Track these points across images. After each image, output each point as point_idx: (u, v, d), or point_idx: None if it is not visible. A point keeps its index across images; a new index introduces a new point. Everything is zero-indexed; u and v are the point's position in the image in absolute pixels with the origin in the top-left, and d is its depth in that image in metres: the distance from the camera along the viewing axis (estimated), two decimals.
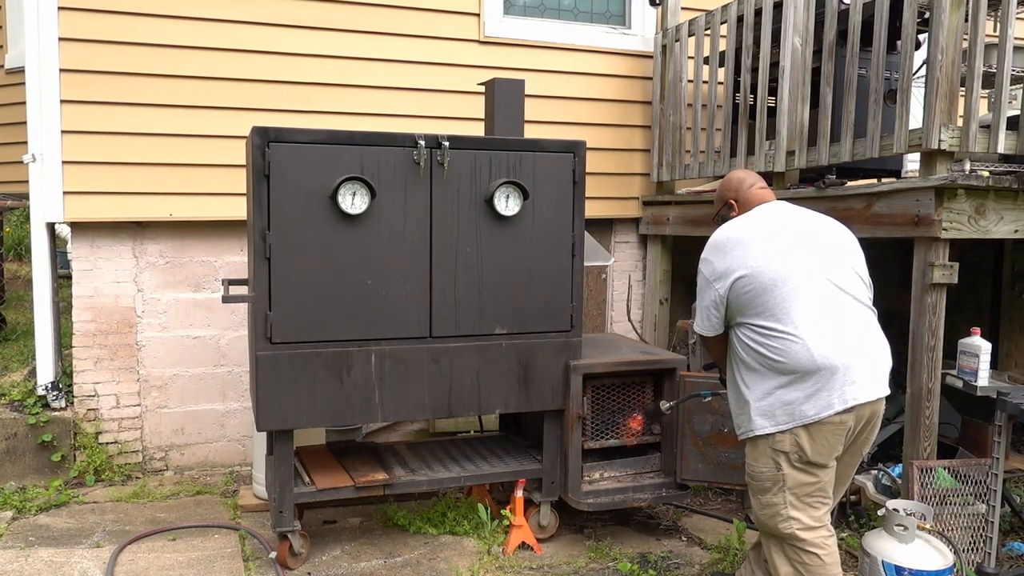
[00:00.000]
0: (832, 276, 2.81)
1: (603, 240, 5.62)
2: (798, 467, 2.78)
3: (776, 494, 2.82)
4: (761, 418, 2.81)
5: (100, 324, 4.70)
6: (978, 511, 3.57)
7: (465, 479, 3.85)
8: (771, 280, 2.77)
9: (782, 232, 2.88)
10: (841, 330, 2.76)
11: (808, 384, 2.72)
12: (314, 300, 3.43)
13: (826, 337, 2.73)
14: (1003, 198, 3.59)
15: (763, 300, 2.78)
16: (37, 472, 4.55)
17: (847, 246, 2.94)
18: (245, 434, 4.97)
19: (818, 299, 2.77)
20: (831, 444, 2.77)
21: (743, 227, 2.94)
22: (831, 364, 2.71)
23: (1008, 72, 3.51)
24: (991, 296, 5.42)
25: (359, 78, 4.93)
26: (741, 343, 2.89)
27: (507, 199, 3.64)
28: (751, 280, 2.80)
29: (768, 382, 2.79)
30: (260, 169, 3.32)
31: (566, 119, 5.37)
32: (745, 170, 3.26)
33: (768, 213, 2.99)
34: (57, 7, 4.38)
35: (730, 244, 2.90)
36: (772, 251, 2.82)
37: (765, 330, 2.78)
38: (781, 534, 2.84)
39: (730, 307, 2.88)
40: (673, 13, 5.38)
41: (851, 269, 2.88)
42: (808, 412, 2.72)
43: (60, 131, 4.46)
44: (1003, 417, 3.39)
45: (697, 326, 3.05)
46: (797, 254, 2.81)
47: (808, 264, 2.80)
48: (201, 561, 3.66)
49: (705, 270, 2.97)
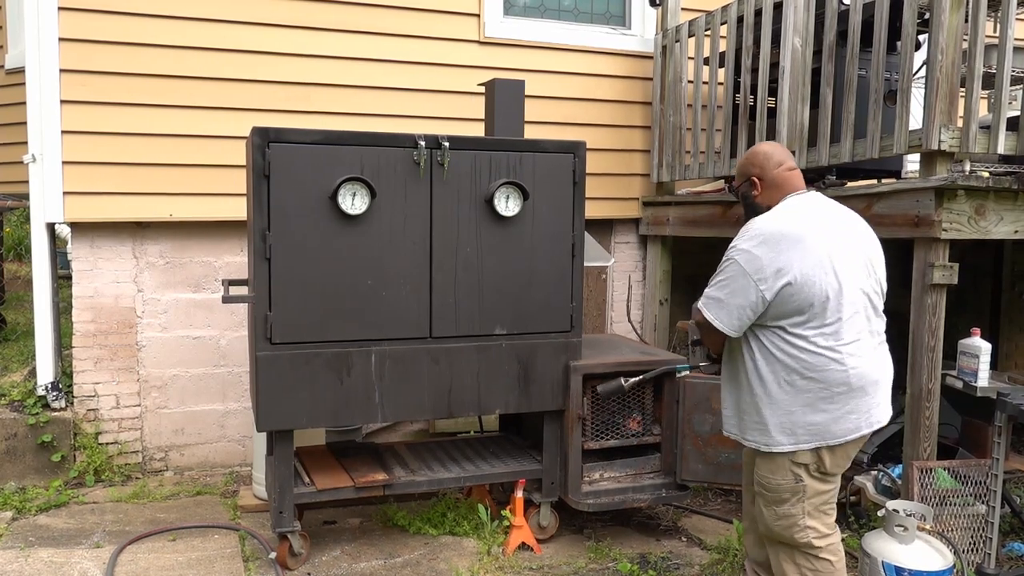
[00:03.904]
0: (869, 291, 2.69)
1: (603, 241, 5.62)
2: (816, 477, 2.72)
3: (795, 505, 2.74)
4: (782, 435, 2.69)
5: (100, 324, 4.70)
6: (978, 512, 3.57)
7: (465, 479, 3.85)
8: (823, 291, 2.58)
9: (834, 237, 2.66)
10: (872, 350, 2.68)
11: (837, 406, 2.64)
12: (314, 300, 3.43)
13: (862, 358, 2.64)
14: (1003, 199, 3.59)
15: (810, 311, 2.59)
16: (37, 472, 4.54)
17: (877, 253, 2.78)
18: (245, 434, 4.97)
19: (858, 316, 2.65)
20: (849, 456, 2.76)
21: (797, 223, 2.66)
22: (862, 387, 2.64)
23: (1008, 73, 3.51)
24: (991, 297, 5.42)
25: (359, 78, 4.93)
26: (766, 350, 2.69)
27: (507, 199, 3.64)
28: (802, 289, 2.58)
29: (794, 398, 2.65)
30: (260, 169, 3.33)
31: (566, 120, 5.36)
32: (772, 143, 2.96)
33: (816, 208, 2.75)
34: (57, 7, 4.38)
35: (785, 241, 2.61)
36: (826, 259, 2.60)
37: (804, 342, 2.62)
38: (797, 543, 2.77)
39: (769, 309, 2.63)
40: (673, 14, 5.38)
41: (879, 281, 2.76)
42: (836, 433, 2.66)
43: (60, 131, 4.46)
44: (1003, 418, 3.39)
45: (718, 321, 2.70)
46: (847, 265, 2.64)
47: (854, 277, 2.65)
48: (201, 561, 3.66)
49: (747, 264, 2.63)
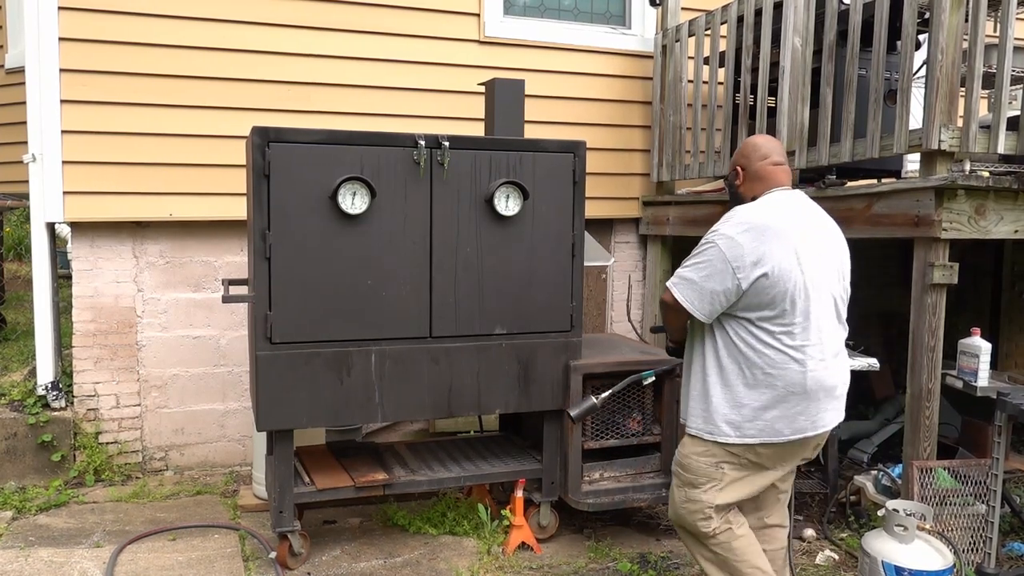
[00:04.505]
0: (836, 298, 2.71)
1: (603, 240, 5.62)
2: (741, 471, 2.73)
3: (707, 492, 2.75)
4: (727, 426, 2.70)
5: (100, 324, 4.70)
6: (978, 511, 3.57)
7: (465, 479, 3.85)
8: (795, 290, 2.58)
9: (811, 238, 2.67)
10: (832, 356, 2.69)
11: (789, 405, 2.64)
12: (314, 300, 3.43)
13: (822, 362, 2.65)
14: (1003, 198, 3.59)
15: (779, 308, 2.59)
16: (37, 472, 4.54)
17: (847, 262, 2.82)
18: (245, 434, 4.97)
19: (823, 321, 2.65)
20: (790, 455, 2.75)
21: (781, 217, 2.66)
22: (816, 391, 2.64)
23: (1008, 72, 3.51)
24: (991, 296, 5.42)
25: (359, 78, 4.93)
26: (730, 340, 2.68)
27: (507, 199, 3.64)
28: (776, 284, 2.57)
29: (748, 392, 2.66)
30: (260, 169, 3.32)
31: (566, 119, 5.36)
32: (766, 136, 2.97)
33: (798, 208, 2.74)
34: (57, 7, 4.37)
35: (768, 233, 2.60)
36: (802, 255, 2.61)
37: (770, 337, 2.62)
38: (699, 532, 2.79)
39: (740, 300, 2.62)
40: (673, 13, 5.38)
41: (846, 289, 2.79)
42: (782, 431, 2.66)
43: (60, 131, 4.45)
44: (1003, 417, 3.39)
45: (688, 302, 2.68)
46: (819, 269, 2.65)
47: (825, 282, 2.66)
48: (201, 561, 3.66)
49: (728, 250, 2.61)
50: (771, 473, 2.81)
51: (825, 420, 2.72)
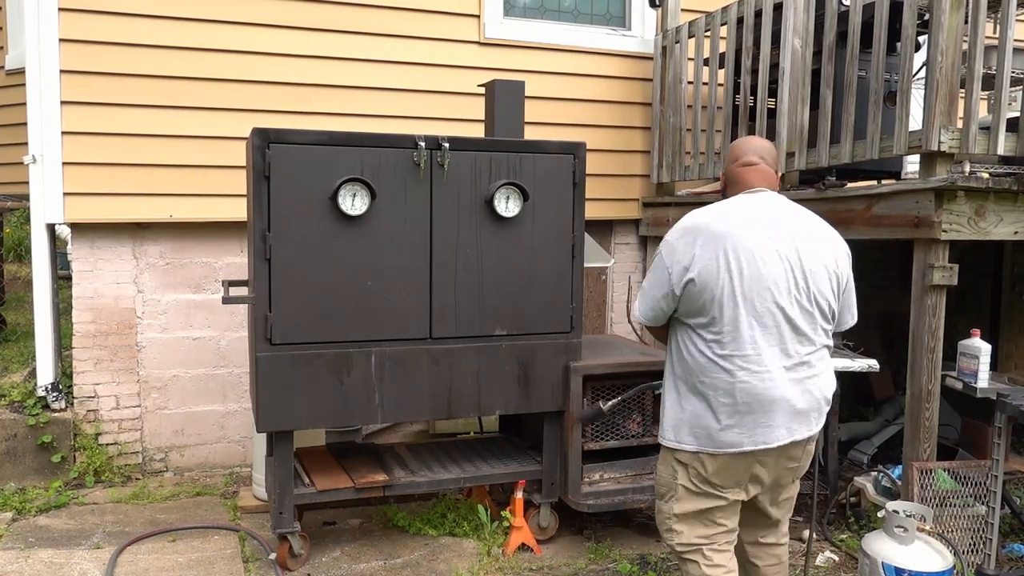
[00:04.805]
0: (789, 305, 2.50)
1: (603, 241, 5.62)
2: (694, 484, 2.62)
3: (668, 502, 2.70)
4: (670, 430, 2.65)
5: (100, 325, 4.70)
6: (978, 513, 3.57)
7: (465, 480, 3.85)
8: (723, 296, 2.48)
9: (760, 242, 2.51)
10: (780, 369, 2.51)
11: (723, 416, 2.53)
12: (314, 301, 3.43)
13: (758, 375, 2.49)
14: (1003, 200, 3.59)
15: (709, 315, 2.52)
16: (37, 473, 4.54)
17: (823, 267, 2.56)
18: (245, 435, 4.97)
19: (765, 331, 2.49)
20: (736, 471, 2.59)
21: (723, 220, 2.57)
22: (749, 403, 2.50)
23: (1008, 74, 3.52)
24: (991, 298, 5.42)
25: (359, 79, 4.93)
26: (679, 346, 2.65)
27: (507, 200, 3.64)
28: (703, 290, 2.50)
29: (688, 398, 2.60)
30: (260, 170, 3.33)
31: (566, 120, 5.36)
32: (748, 138, 2.90)
33: (757, 209, 2.61)
34: (57, 8, 4.38)
35: (701, 237, 2.54)
36: (737, 261, 2.48)
37: (704, 344, 2.55)
38: (671, 546, 2.72)
39: (679, 306, 2.60)
40: (673, 15, 5.38)
41: (816, 298, 2.54)
42: (717, 442, 2.55)
43: (60, 132, 4.46)
44: (1003, 419, 3.39)
45: (637, 310, 2.72)
46: (763, 272, 2.48)
47: (771, 289, 2.49)
48: (201, 562, 3.66)
49: (667, 255, 2.61)
50: (727, 492, 2.62)
51: (771, 437, 2.51)
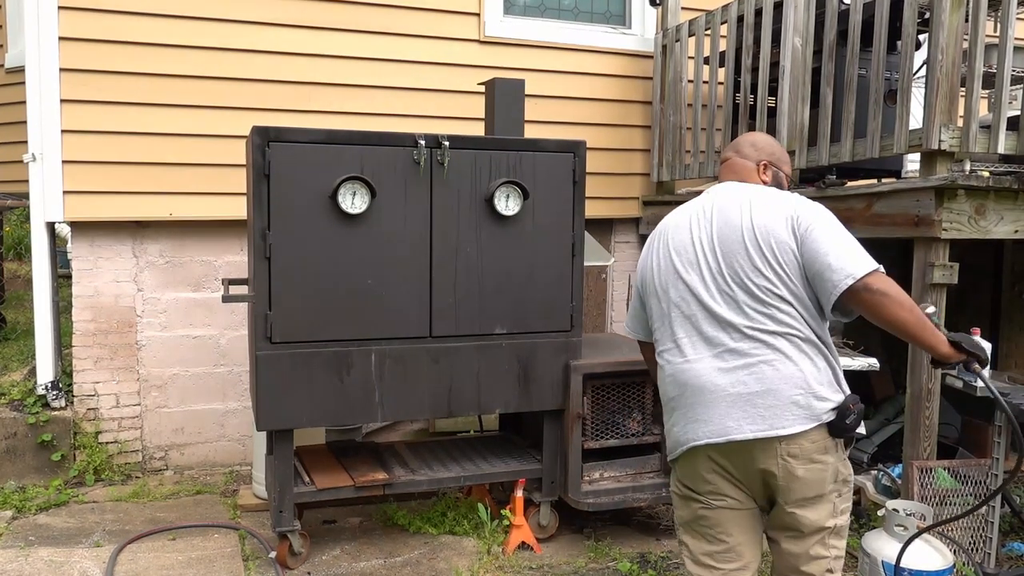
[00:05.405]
0: (703, 292, 2.37)
1: (603, 240, 5.62)
2: (677, 487, 2.56)
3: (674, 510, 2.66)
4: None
5: (100, 324, 4.70)
6: (978, 511, 3.57)
7: (465, 479, 3.85)
8: (652, 291, 2.51)
9: (684, 231, 2.45)
10: (701, 359, 2.36)
11: (668, 415, 2.50)
12: (314, 300, 3.43)
13: (679, 366, 2.41)
14: (1003, 198, 3.59)
15: (651, 314, 2.53)
16: (37, 471, 4.54)
17: (744, 243, 2.32)
18: (245, 434, 4.97)
19: (679, 320, 2.41)
20: (699, 475, 2.43)
21: (671, 217, 2.55)
22: (677, 396, 2.42)
23: (1008, 72, 3.51)
24: (991, 296, 5.42)
25: (359, 78, 4.93)
26: None
27: (507, 199, 3.64)
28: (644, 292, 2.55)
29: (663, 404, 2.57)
30: (260, 169, 3.32)
31: (566, 119, 5.36)
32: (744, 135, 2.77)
33: (692, 203, 2.53)
34: (57, 6, 4.38)
35: (652, 239, 2.57)
36: (661, 255, 2.48)
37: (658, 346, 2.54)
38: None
39: None
40: (673, 13, 5.38)
41: (738, 278, 2.31)
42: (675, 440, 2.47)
43: (60, 130, 4.46)
44: (1003, 418, 3.39)
45: (630, 330, 2.74)
46: (681, 260, 2.42)
47: (683, 269, 2.41)
48: (201, 561, 3.66)
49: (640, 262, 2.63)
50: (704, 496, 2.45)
51: (710, 431, 2.33)
